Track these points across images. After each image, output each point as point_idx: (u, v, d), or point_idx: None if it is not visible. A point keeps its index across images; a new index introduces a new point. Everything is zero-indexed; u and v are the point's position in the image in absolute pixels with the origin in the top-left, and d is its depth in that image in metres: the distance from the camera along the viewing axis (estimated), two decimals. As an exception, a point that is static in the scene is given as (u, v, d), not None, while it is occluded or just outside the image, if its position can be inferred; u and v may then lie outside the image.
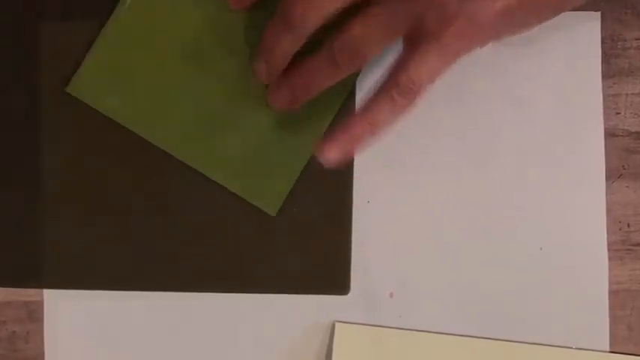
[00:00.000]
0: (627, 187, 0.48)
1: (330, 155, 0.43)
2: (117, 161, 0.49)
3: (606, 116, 0.48)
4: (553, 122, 0.48)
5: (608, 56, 0.48)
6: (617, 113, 0.48)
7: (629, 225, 0.48)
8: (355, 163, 0.48)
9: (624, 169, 0.48)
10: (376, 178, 0.49)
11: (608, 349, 0.48)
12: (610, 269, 0.48)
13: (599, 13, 0.48)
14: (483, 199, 0.48)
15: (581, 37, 0.48)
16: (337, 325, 0.47)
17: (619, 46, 0.48)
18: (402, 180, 0.48)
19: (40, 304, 0.49)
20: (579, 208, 0.48)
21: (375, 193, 0.49)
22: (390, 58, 0.43)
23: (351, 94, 0.48)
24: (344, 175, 0.48)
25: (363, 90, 0.48)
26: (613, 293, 0.48)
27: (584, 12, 0.48)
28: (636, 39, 0.48)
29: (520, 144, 0.48)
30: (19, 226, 0.49)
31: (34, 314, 0.49)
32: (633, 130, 0.48)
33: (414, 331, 0.48)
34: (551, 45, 0.48)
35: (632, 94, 0.48)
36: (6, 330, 0.49)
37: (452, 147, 0.48)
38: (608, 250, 0.48)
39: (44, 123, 0.48)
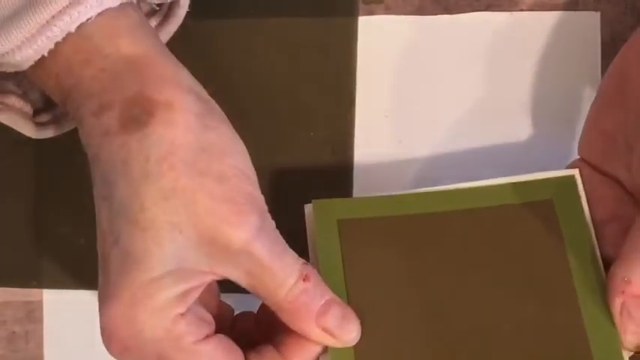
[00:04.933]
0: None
1: None
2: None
3: (606, 116, 0.48)
4: (553, 122, 0.48)
5: (608, 56, 0.48)
6: (618, 113, 0.48)
7: (629, 225, 0.48)
8: (355, 162, 0.48)
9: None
10: (376, 178, 0.48)
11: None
12: (611, 268, 0.48)
13: (599, 13, 0.48)
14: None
15: (581, 37, 0.48)
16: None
17: (619, 46, 0.48)
18: (402, 180, 0.48)
19: (39, 304, 0.49)
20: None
21: (375, 192, 0.48)
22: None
23: (352, 104, 0.49)
24: (344, 174, 0.48)
25: (364, 94, 0.49)
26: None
27: (584, 12, 0.48)
28: (636, 39, 0.48)
29: (520, 144, 0.48)
30: (19, 226, 0.49)
31: (34, 314, 0.49)
32: (633, 130, 0.48)
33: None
34: (551, 45, 0.48)
35: (633, 94, 0.48)
36: (6, 330, 0.49)
37: (452, 149, 0.49)
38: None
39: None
